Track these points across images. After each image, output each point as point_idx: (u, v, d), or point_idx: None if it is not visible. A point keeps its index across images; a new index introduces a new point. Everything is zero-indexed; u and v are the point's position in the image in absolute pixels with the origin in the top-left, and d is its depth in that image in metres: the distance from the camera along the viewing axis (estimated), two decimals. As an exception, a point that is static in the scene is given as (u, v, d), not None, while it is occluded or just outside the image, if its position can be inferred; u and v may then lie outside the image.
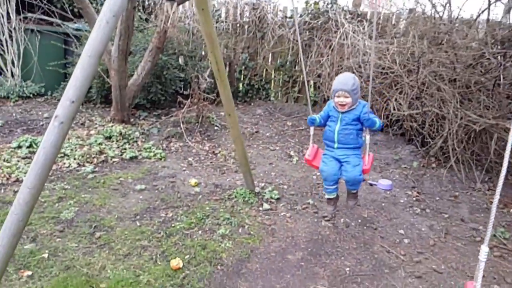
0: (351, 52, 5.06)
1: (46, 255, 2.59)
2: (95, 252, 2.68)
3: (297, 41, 5.70)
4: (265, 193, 3.64)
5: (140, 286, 2.40)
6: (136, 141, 4.59)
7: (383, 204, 3.62)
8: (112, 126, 4.70)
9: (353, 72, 5.07)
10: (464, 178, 4.15)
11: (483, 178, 4.17)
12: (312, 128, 2.99)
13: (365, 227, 3.23)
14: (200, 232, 3.00)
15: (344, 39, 5.21)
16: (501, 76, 4.02)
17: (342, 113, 2.78)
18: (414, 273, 2.70)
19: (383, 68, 4.78)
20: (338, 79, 2.79)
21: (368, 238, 3.09)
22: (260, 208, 3.41)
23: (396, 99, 4.63)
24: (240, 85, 6.39)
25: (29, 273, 2.42)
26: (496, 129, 3.94)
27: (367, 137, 2.83)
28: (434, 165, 4.43)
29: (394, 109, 4.59)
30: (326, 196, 2.96)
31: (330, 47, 5.33)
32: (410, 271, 2.73)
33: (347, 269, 2.71)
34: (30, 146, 4.02)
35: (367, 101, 2.79)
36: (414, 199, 3.78)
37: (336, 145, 2.82)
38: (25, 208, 1.82)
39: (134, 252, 2.71)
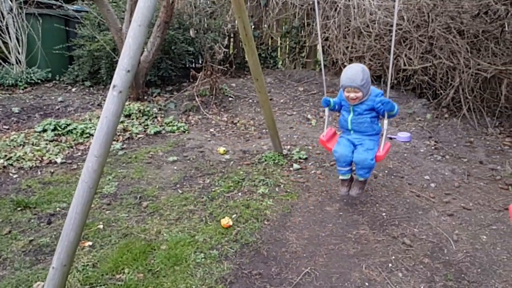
0: (357, 13, 5.10)
1: (101, 226, 2.72)
2: (147, 219, 2.82)
3: (302, 5, 5.69)
4: (293, 154, 3.79)
5: (197, 244, 2.56)
6: (156, 117, 4.67)
7: (405, 155, 3.81)
8: (129, 104, 4.74)
9: (361, 33, 5.15)
10: (476, 125, 4.35)
11: (494, 123, 4.37)
12: (327, 109, 2.89)
13: (392, 177, 3.42)
14: (240, 194, 3.16)
15: (349, 0, 5.23)
16: (506, 24, 4.13)
17: (354, 105, 2.68)
18: (446, 212, 2.91)
19: (391, 26, 4.84)
20: (345, 73, 2.58)
21: (397, 185, 3.29)
22: (291, 168, 3.57)
23: (406, 55, 4.73)
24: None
25: (90, 243, 2.55)
26: (506, 74, 4.10)
27: (385, 122, 2.62)
28: (446, 115, 4.61)
29: (404, 65, 4.70)
30: (340, 177, 2.87)
31: (335, 9, 5.35)
32: (442, 210, 2.94)
33: (384, 214, 2.90)
34: (54, 129, 4.07)
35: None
36: (433, 147, 3.97)
37: (351, 132, 2.79)
38: (94, 175, 1.91)
39: (183, 216, 2.86)
